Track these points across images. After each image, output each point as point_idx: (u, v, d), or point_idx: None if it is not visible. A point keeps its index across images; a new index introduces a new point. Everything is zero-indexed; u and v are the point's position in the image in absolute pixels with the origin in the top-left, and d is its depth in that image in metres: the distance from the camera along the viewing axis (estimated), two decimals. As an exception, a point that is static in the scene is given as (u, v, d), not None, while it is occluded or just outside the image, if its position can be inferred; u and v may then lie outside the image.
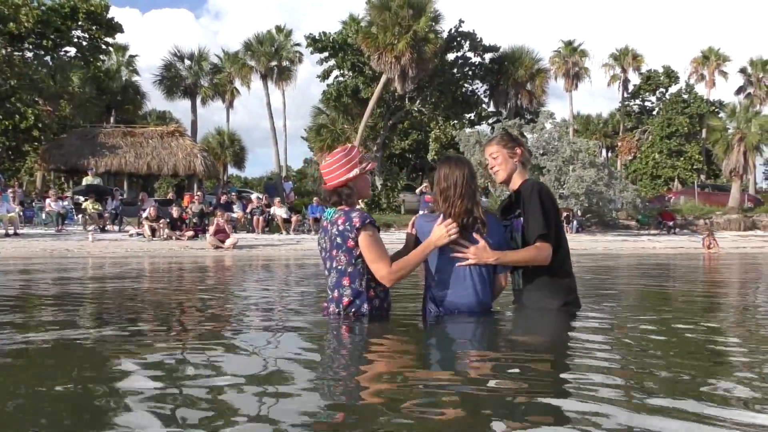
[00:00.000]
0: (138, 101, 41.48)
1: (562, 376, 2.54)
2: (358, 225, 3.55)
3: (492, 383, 2.38)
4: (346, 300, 3.61)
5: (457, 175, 3.68)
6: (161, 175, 32.80)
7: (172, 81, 38.36)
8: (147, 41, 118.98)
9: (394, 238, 22.65)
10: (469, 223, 3.65)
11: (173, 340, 3.50)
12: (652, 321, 4.06)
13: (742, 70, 47.98)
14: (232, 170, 51.12)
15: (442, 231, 3.58)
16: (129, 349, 3.16)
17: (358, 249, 3.57)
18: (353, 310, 3.60)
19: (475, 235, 3.64)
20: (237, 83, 42.83)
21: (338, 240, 3.59)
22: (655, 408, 2.07)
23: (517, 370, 2.59)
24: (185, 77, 38.70)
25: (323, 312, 3.83)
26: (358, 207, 3.73)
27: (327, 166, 3.71)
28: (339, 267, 3.61)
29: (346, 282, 3.62)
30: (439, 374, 2.58)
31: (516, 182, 3.94)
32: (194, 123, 39.05)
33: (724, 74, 47.40)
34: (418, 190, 24.26)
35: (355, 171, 3.66)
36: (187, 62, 38.86)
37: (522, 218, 3.80)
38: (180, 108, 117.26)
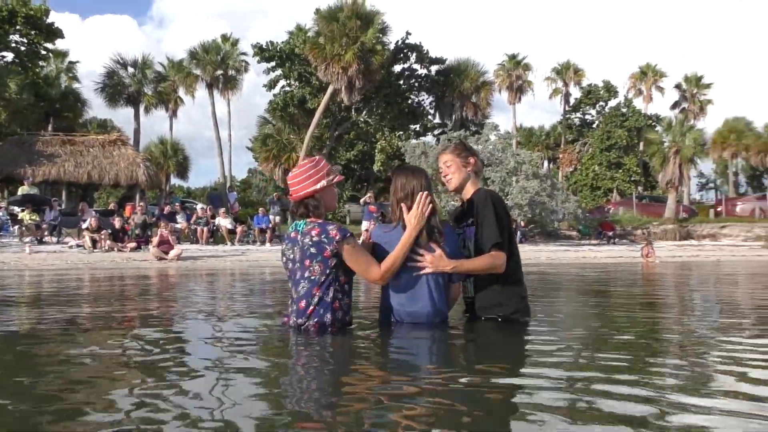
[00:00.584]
0: (78, 109, 40.39)
1: (517, 382, 2.61)
2: (338, 238, 3.55)
3: (449, 393, 2.42)
4: (311, 309, 3.58)
5: (414, 184, 3.71)
6: (102, 184, 31.98)
7: (114, 88, 37.53)
8: (87, 47, 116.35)
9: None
10: (426, 232, 3.67)
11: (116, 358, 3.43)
12: (598, 326, 4.18)
13: (678, 86, 49.76)
14: (175, 180, 50.22)
15: (415, 213, 3.62)
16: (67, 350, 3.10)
17: (334, 260, 3.57)
18: (315, 319, 3.58)
19: (432, 244, 3.65)
20: (181, 92, 42.24)
21: (312, 250, 3.56)
22: (602, 414, 2.15)
23: (475, 380, 2.64)
24: (128, 85, 37.91)
25: (283, 323, 3.81)
26: (329, 220, 3.73)
27: (293, 177, 3.71)
28: (312, 277, 3.58)
29: (316, 291, 3.59)
30: (398, 385, 2.59)
31: (468, 191, 4.00)
32: (137, 132, 38.30)
33: (660, 89, 49.01)
34: (362, 201, 24.30)
35: (322, 183, 3.66)
36: (131, 69, 38.10)
37: (475, 226, 3.84)
38: (121, 116, 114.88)
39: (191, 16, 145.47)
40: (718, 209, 38.02)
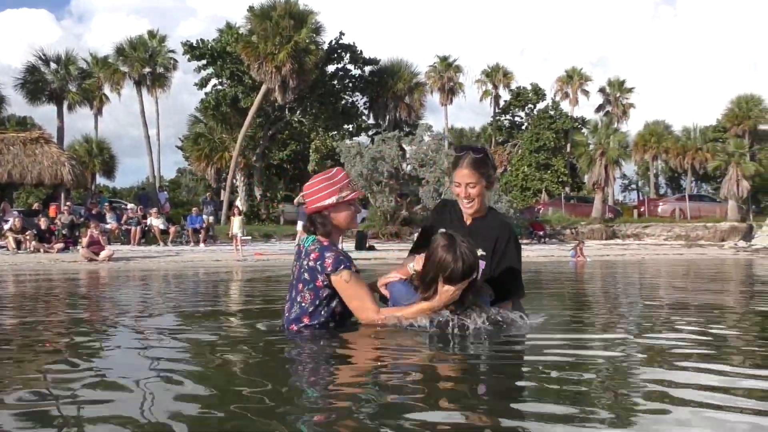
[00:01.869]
0: (-5, 105, 38.65)
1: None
2: (329, 270, 3.30)
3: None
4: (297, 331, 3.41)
5: (463, 269, 3.18)
6: (24, 184, 30.69)
7: (35, 85, 36.03)
8: (1, 42, 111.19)
9: (276, 249, 22.56)
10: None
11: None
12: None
13: (602, 90, 51.40)
14: (101, 180, 48.67)
15: (452, 293, 3.22)
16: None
17: (326, 290, 3.34)
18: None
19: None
20: (106, 89, 40.93)
21: (306, 276, 3.35)
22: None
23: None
24: (51, 81, 36.50)
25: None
26: (333, 245, 3.44)
27: (307, 188, 3.46)
28: (303, 304, 3.38)
29: (306, 320, 3.39)
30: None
31: (482, 210, 3.56)
32: (60, 130, 36.88)
33: (586, 93, 50.49)
34: (295, 201, 24.05)
35: (333, 199, 3.37)
36: (53, 65, 36.68)
37: (483, 261, 3.42)
38: (41, 114, 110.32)
39: (113, 11, 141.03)
40: (641, 210, 39.48)
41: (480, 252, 3.37)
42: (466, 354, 3.09)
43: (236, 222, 20.28)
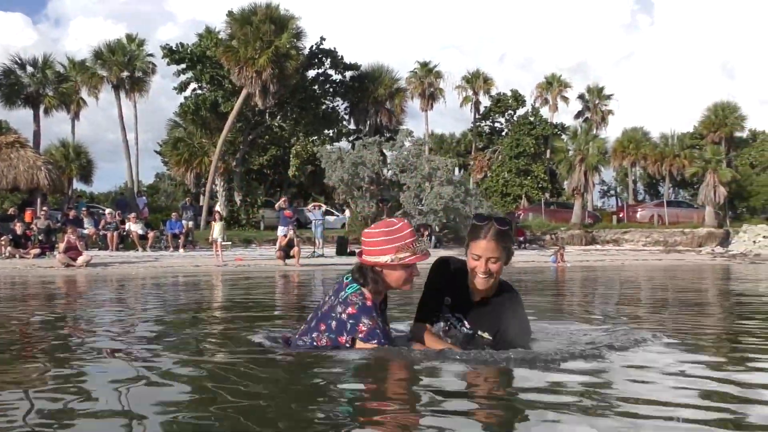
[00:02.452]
0: (-31, 109, 38.02)
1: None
2: (360, 336, 3.04)
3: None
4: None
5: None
6: (-1, 188, 30.20)
7: (11, 88, 35.51)
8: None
9: (256, 254, 22.41)
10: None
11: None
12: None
13: (581, 96, 51.77)
14: (78, 184, 48.04)
15: None
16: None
17: (345, 346, 3.09)
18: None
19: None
20: (84, 93, 40.44)
21: (332, 324, 3.10)
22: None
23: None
24: (27, 85, 36.01)
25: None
26: (375, 308, 3.09)
27: (366, 235, 3.14)
28: (315, 344, 3.17)
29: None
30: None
31: (494, 288, 3.22)
32: (37, 134, 36.37)
33: (565, 99, 50.77)
34: (277, 206, 23.86)
35: (388, 257, 3.04)
36: (30, 69, 36.20)
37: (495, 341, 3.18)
38: (16, 117, 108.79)
39: (90, 15, 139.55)
40: (620, 215, 39.78)
41: (486, 336, 3.17)
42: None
43: (217, 227, 20.12)
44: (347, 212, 32.49)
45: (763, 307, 7.29)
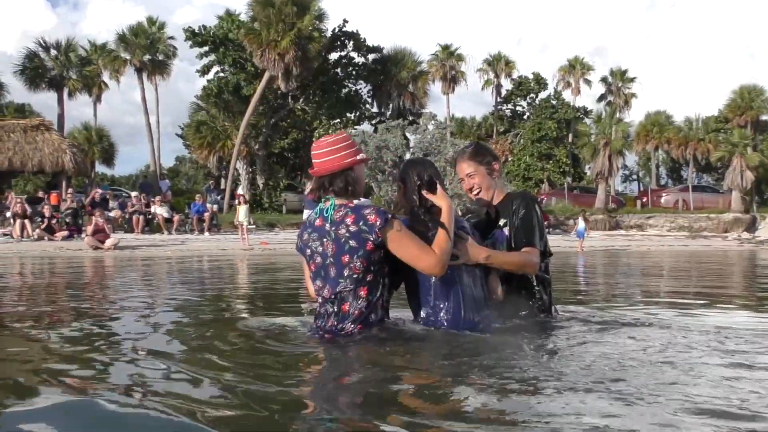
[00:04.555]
0: (-6, 92, 38.20)
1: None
2: (380, 224, 2.95)
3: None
4: (357, 311, 3.03)
5: (431, 172, 3.28)
6: (25, 171, 30.41)
7: (35, 71, 35.65)
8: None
9: (281, 238, 22.40)
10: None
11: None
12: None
13: (603, 80, 51.09)
14: (100, 168, 48.36)
15: (442, 192, 3.17)
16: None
17: (378, 252, 3.00)
18: (360, 323, 3.03)
19: (460, 231, 3.18)
20: (105, 76, 40.55)
21: (352, 243, 2.97)
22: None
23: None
24: (51, 68, 36.13)
25: (314, 331, 3.19)
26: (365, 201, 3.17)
27: (328, 145, 3.08)
28: (355, 275, 3.00)
29: (363, 292, 3.03)
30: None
31: (498, 197, 3.58)
32: (61, 117, 36.58)
33: (588, 82, 50.09)
34: (307, 190, 23.64)
35: (361, 155, 3.13)
36: (53, 52, 36.29)
37: (507, 228, 3.47)
38: (38, 101, 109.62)
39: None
40: (644, 200, 39.34)
41: (502, 221, 3.51)
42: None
43: (242, 210, 20.12)
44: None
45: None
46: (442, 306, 3.18)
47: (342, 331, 3.04)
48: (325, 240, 3.05)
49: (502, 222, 3.51)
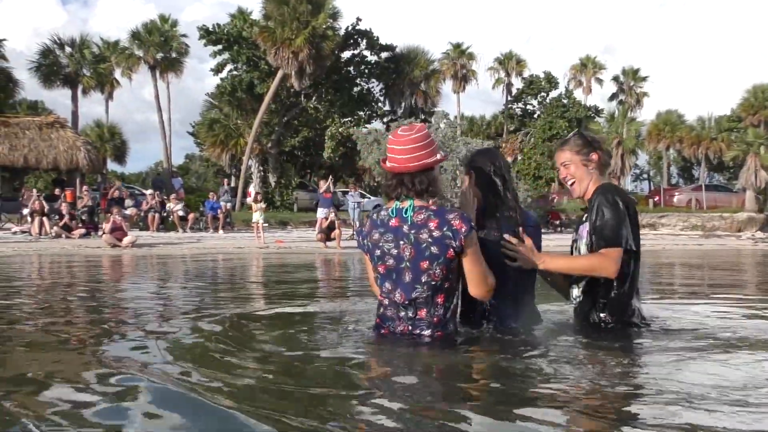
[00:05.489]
0: (9, 89, 38.37)
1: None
2: (465, 230, 2.82)
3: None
4: (436, 318, 2.93)
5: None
6: (39, 168, 30.55)
7: (50, 68, 35.85)
8: (5, 26, 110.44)
9: (294, 236, 22.45)
10: (512, 218, 3.22)
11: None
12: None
13: (615, 78, 51.01)
14: (111, 165, 48.64)
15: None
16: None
17: (454, 262, 2.89)
18: (439, 330, 2.94)
19: (522, 234, 3.17)
20: (117, 74, 40.72)
21: (433, 249, 2.85)
22: None
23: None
24: (65, 65, 36.29)
25: (379, 331, 3.10)
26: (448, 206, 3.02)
27: (410, 141, 2.90)
28: (433, 282, 2.88)
29: (440, 300, 2.92)
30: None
31: (590, 191, 3.36)
32: (74, 114, 36.80)
33: (599, 81, 50.14)
34: (323, 188, 23.44)
35: (441, 153, 2.95)
36: (68, 49, 36.46)
37: (588, 222, 3.29)
38: (51, 98, 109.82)
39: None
40: (656, 199, 39.25)
41: (585, 216, 3.41)
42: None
43: (258, 209, 20.18)
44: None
45: None
46: (503, 309, 3.20)
47: (420, 338, 2.95)
48: (402, 243, 2.91)
49: (584, 216, 3.41)
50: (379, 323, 3.10)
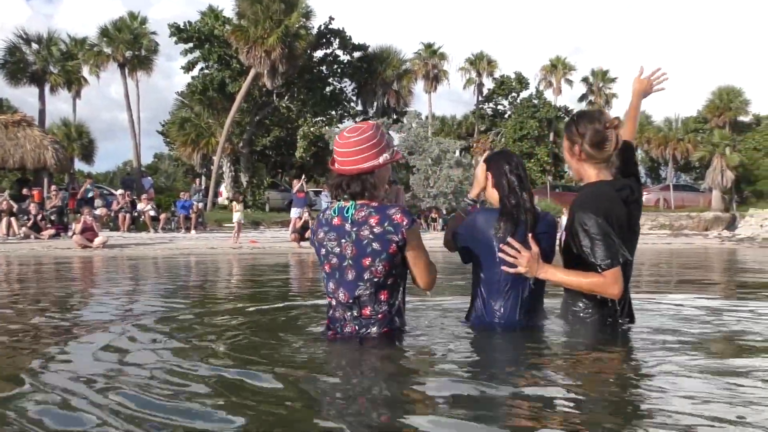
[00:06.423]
0: (-29, 87, 37.70)
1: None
2: (406, 225, 2.82)
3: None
4: (380, 315, 2.93)
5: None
6: (6, 168, 29.95)
7: (16, 65, 35.13)
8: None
9: (268, 236, 22.34)
10: (526, 220, 3.16)
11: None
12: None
13: (585, 80, 51.52)
14: (79, 164, 47.79)
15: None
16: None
17: (398, 257, 2.89)
18: (386, 327, 2.94)
19: (532, 240, 3.06)
20: (85, 71, 40.07)
21: (375, 246, 2.84)
22: None
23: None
24: (32, 62, 35.61)
25: (329, 334, 3.09)
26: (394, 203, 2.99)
27: (351, 144, 2.87)
28: (375, 279, 2.87)
29: (383, 297, 2.93)
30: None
31: (585, 182, 3.25)
32: (42, 113, 36.11)
33: (569, 82, 50.51)
34: (297, 187, 23.22)
35: (385, 156, 2.90)
36: (35, 46, 35.77)
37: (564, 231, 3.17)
38: (15, 95, 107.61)
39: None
40: (624, 198, 39.70)
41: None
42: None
43: (239, 209, 20.12)
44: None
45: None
46: (495, 306, 3.20)
47: (367, 336, 2.95)
48: (343, 241, 2.91)
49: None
50: (328, 325, 3.11)
